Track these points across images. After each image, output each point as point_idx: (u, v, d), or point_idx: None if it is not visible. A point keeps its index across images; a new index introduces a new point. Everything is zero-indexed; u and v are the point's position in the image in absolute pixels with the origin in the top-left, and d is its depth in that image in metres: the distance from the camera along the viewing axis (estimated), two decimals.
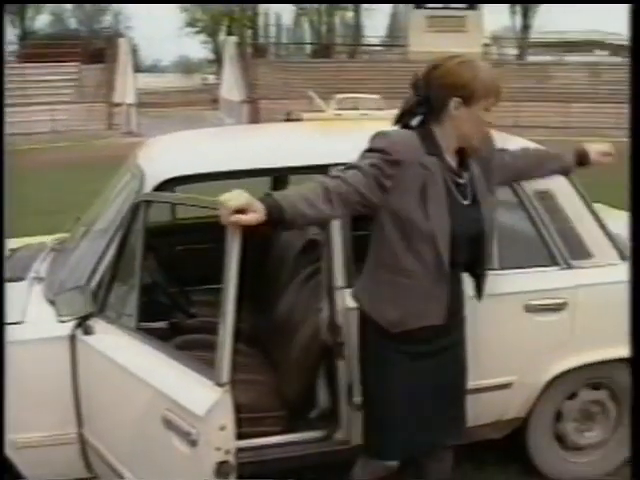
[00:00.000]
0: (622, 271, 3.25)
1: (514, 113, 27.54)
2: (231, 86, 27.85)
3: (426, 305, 2.49)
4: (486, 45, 45.15)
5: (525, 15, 51.93)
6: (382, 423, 2.61)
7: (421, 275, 2.46)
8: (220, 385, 2.27)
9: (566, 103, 30.50)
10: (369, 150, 2.45)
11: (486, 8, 43.62)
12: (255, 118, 26.81)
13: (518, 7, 52.07)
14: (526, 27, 52.12)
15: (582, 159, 3.05)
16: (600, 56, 54.24)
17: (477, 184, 2.57)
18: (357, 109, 24.00)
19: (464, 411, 2.75)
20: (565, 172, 3.16)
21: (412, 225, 2.42)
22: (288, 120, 19.99)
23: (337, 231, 2.94)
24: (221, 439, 2.26)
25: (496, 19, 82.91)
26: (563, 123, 29.15)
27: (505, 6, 52.45)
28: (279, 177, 4.16)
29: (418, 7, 40.55)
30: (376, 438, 2.66)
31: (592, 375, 3.36)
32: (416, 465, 2.82)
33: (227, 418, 2.26)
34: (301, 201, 2.25)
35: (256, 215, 2.13)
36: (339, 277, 2.97)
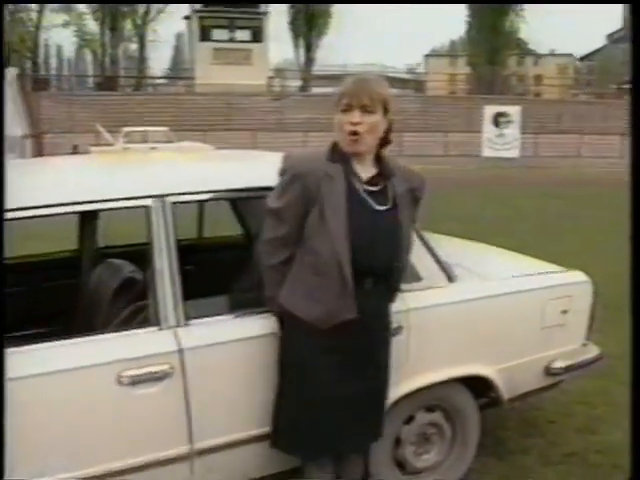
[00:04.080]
0: (450, 293, 3.34)
1: (302, 142, 28.40)
2: (12, 120, 26.46)
3: (341, 301, 2.66)
4: (271, 77, 46.25)
5: (308, 49, 53.63)
6: (300, 420, 2.79)
7: (336, 274, 2.64)
8: None
9: None
10: (279, 172, 2.78)
11: (271, 42, 44.73)
12: (39, 153, 25.66)
13: (301, 41, 53.72)
14: (309, 60, 53.82)
15: None
16: None
17: (396, 197, 2.78)
18: (146, 142, 23.65)
19: (381, 413, 2.95)
20: None
21: (311, 228, 2.67)
22: (75, 154, 19.28)
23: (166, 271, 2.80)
24: None
25: (280, 52, 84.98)
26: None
27: (289, 39, 54.04)
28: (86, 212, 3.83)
29: (204, 40, 40.87)
30: (291, 433, 2.82)
31: (427, 397, 3.37)
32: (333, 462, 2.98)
33: None
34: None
35: None
36: (170, 316, 2.81)
